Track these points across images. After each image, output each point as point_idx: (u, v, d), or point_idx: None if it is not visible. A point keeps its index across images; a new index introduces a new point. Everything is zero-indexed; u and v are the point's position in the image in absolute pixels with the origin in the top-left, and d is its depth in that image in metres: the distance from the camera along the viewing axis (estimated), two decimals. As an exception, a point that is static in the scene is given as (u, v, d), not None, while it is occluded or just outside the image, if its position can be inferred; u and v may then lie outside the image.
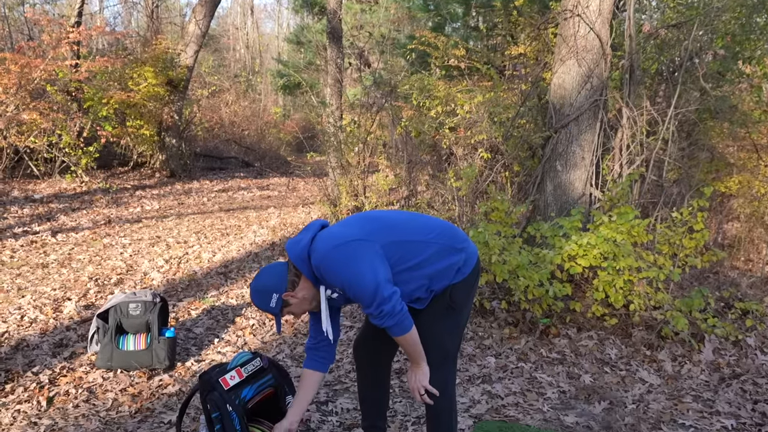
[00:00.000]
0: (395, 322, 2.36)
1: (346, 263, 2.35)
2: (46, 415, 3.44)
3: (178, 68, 13.35)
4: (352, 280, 2.34)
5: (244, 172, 16.05)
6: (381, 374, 2.92)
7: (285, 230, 8.69)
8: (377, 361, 2.89)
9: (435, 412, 2.66)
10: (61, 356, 4.23)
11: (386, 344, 2.80)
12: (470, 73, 9.64)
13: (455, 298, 2.56)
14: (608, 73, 5.57)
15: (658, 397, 3.80)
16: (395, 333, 2.40)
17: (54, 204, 9.66)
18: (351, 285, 2.35)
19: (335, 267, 2.36)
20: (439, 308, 2.57)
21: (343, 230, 2.45)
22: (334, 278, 2.38)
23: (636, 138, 5.58)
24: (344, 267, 2.35)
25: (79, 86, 11.72)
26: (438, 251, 2.50)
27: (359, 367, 2.94)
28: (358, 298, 2.37)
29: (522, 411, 3.63)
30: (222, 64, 27.75)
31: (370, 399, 2.96)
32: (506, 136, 6.94)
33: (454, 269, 2.53)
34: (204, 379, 2.80)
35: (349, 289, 2.36)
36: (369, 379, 2.92)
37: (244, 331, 4.90)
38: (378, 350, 2.86)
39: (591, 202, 5.65)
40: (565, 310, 4.90)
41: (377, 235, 2.43)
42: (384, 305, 2.33)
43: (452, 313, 2.58)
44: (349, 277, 2.34)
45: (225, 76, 24.58)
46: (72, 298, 5.42)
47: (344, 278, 2.35)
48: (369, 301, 2.34)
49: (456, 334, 2.63)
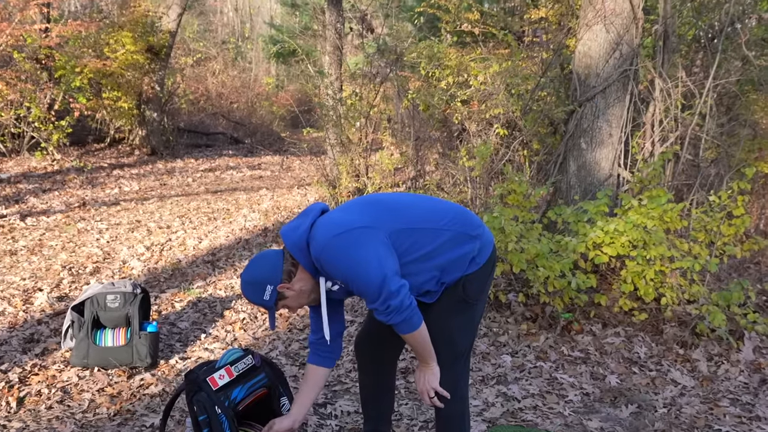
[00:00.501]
0: (403, 319, 2.36)
1: (348, 254, 2.33)
2: (16, 418, 3.47)
3: (159, 33, 13.31)
4: (356, 273, 2.33)
5: (232, 150, 16.05)
6: (385, 374, 2.93)
7: (278, 214, 8.71)
8: (381, 360, 2.90)
9: (445, 417, 2.67)
10: (32, 353, 4.25)
11: (391, 341, 2.80)
12: (485, 40, 9.59)
13: (469, 290, 2.56)
14: (639, 39, 5.54)
15: (692, 401, 3.82)
16: (403, 330, 2.41)
17: (22, 184, 9.67)
18: (354, 278, 2.34)
19: (337, 258, 2.35)
20: (451, 302, 2.57)
21: (345, 216, 2.44)
22: (335, 270, 2.37)
23: (670, 112, 5.56)
24: (347, 258, 2.33)
25: (49, 53, 11.68)
26: (450, 239, 2.49)
27: (361, 367, 2.95)
28: (363, 292, 2.36)
29: (541, 415, 3.65)
30: (208, 29, 27.64)
31: (373, 402, 2.97)
32: (525, 110, 6.92)
33: (468, 259, 2.53)
34: (190, 378, 2.82)
35: (353, 283, 2.35)
36: (372, 380, 2.94)
37: (233, 326, 4.93)
38: (382, 348, 2.86)
39: (619, 184, 5.64)
40: (590, 304, 4.91)
41: (383, 221, 2.42)
42: (391, 300, 2.32)
43: (465, 308, 2.58)
44: (353, 269, 2.33)
45: (211, 42, 24.53)
46: (44, 288, 5.44)
47: (347, 270, 2.34)
48: (375, 295, 2.33)
49: (469, 330, 2.64)
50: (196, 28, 23.95)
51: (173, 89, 15.34)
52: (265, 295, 2.43)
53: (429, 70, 8.85)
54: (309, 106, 17.14)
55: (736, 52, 6.25)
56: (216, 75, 20.80)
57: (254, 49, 27.72)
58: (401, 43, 10.77)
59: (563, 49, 6.83)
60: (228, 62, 22.50)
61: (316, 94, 11.54)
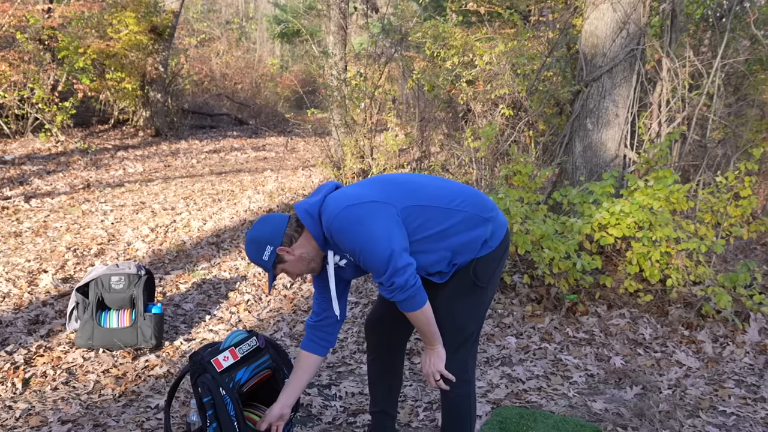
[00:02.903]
0: (407, 297, 2.36)
1: (359, 225, 2.34)
2: (21, 399, 3.49)
3: (162, 13, 13.27)
4: (365, 245, 2.34)
5: (237, 131, 16.04)
6: (393, 356, 2.93)
7: (283, 195, 8.71)
8: (390, 342, 2.90)
9: (452, 400, 2.66)
10: (37, 334, 4.28)
11: (400, 324, 2.79)
12: (491, 19, 9.52)
13: (480, 274, 2.54)
14: (647, 18, 5.50)
15: (697, 382, 3.82)
16: (405, 308, 2.41)
17: (27, 166, 9.69)
18: (363, 249, 2.35)
19: (348, 228, 2.36)
20: (462, 285, 2.56)
21: (358, 190, 2.45)
22: (345, 240, 2.38)
23: (677, 92, 5.52)
24: (357, 229, 2.34)
25: (52, 34, 11.65)
26: (463, 220, 2.48)
27: (370, 348, 2.95)
28: (370, 265, 2.37)
29: (545, 396, 3.66)
30: (212, 9, 27.53)
31: (380, 383, 2.97)
32: (531, 90, 6.89)
33: (480, 241, 2.52)
34: (195, 359, 2.82)
35: (361, 254, 2.36)
36: (381, 361, 2.94)
37: (238, 308, 4.94)
38: (391, 330, 2.86)
39: (625, 164, 5.62)
40: (595, 286, 4.90)
41: (395, 198, 2.42)
42: (396, 277, 2.33)
43: (476, 291, 2.57)
44: (362, 240, 2.34)
45: (215, 22, 24.45)
46: (48, 270, 5.46)
47: (356, 241, 2.35)
48: (381, 270, 2.34)
49: (479, 314, 2.63)
50: (200, 8, 23.86)
51: (177, 70, 15.31)
52: (264, 255, 2.45)
53: (434, 50, 8.81)
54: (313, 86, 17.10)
55: (744, 32, 6.21)
56: (220, 55, 20.75)
57: (258, 29, 27.64)
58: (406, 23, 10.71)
59: (569, 28, 6.78)
60: (232, 42, 22.45)
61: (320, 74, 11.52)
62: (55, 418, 3.29)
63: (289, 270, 2.51)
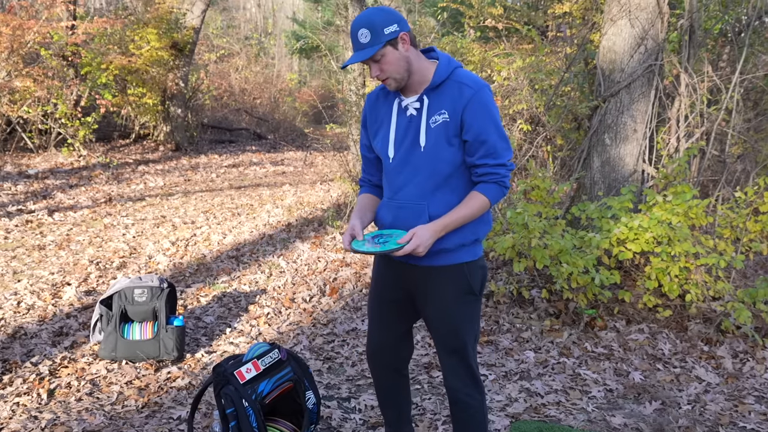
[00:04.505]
0: (507, 184, 2.52)
1: (496, 109, 2.47)
2: (47, 409, 3.55)
3: (183, 30, 13.43)
4: (499, 124, 2.47)
5: (256, 146, 16.16)
6: (398, 379, 2.94)
7: (302, 209, 8.77)
8: (393, 366, 2.90)
9: (469, 411, 2.66)
10: (61, 345, 4.34)
11: (400, 347, 2.84)
12: (508, 35, 9.57)
13: (475, 280, 2.59)
14: (665, 34, 5.52)
15: (717, 398, 3.81)
16: (497, 196, 2.50)
17: (50, 180, 9.83)
18: (497, 126, 2.46)
19: (492, 102, 2.46)
20: (460, 293, 2.58)
21: None
22: (483, 109, 2.44)
23: (695, 108, 5.53)
24: (496, 111, 2.47)
25: (75, 50, 11.85)
26: None
27: (375, 375, 2.95)
28: (496, 141, 2.45)
29: (564, 411, 3.66)
30: (231, 25, 27.81)
31: (390, 406, 2.98)
32: (548, 105, 6.91)
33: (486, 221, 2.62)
34: (218, 371, 2.87)
35: (494, 129, 2.45)
36: (387, 387, 2.95)
37: (258, 321, 4.98)
38: (393, 355, 2.87)
39: (643, 179, 5.62)
40: (613, 301, 4.90)
41: None
42: (511, 163, 2.51)
43: (475, 301, 2.61)
44: (497, 119, 2.47)
45: (235, 38, 24.67)
46: (72, 282, 5.54)
47: (495, 117, 2.46)
48: (506, 150, 2.48)
49: (478, 323, 2.67)
50: (220, 24, 24.11)
51: (197, 85, 15.48)
52: (388, 28, 2.39)
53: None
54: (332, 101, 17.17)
55: (763, 47, 6.20)
56: (239, 71, 20.93)
57: (277, 44, 27.86)
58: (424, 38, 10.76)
59: (587, 44, 6.81)
60: (251, 58, 22.63)
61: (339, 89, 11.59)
62: (80, 428, 3.34)
63: (390, 61, 2.43)
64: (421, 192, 2.50)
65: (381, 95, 2.67)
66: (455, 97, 2.44)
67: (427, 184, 2.49)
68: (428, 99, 2.48)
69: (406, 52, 2.44)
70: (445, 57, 2.52)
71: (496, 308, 5.08)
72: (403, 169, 2.54)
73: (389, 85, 2.46)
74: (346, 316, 5.08)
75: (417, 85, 2.50)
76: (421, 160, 2.48)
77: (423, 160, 2.47)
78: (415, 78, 2.49)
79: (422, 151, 2.48)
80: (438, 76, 2.46)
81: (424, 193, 2.49)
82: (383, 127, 2.61)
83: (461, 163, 2.49)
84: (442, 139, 2.46)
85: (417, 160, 2.50)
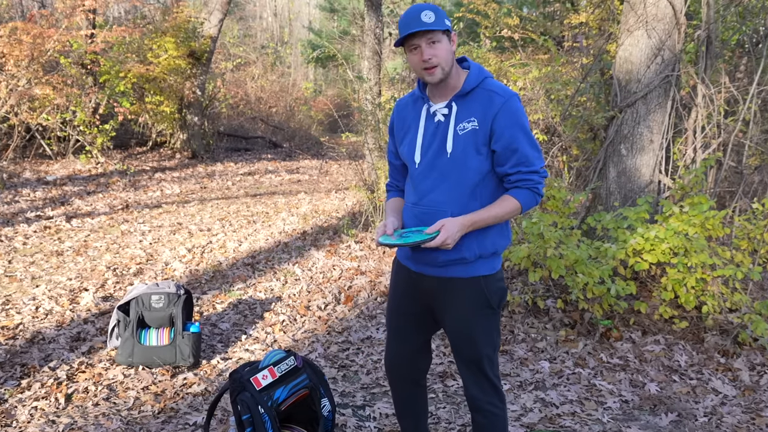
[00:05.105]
0: (541, 191, 2.53)
1: (526, 117, 2.50)
2: (64, 413, 3.58)
3: (200, 38, 13.54)
4: (529, 132, 2.49)
5: (271, 154, 16.23)
6: (416, 390, 2.94)
7: (317, 218, 8.79)
8: (412, 377, 2.91)
9: (491, 419, 2.66)
10: (78, 351, 4.37)
11: (419, 359, 2.85)
12: (524, 45, 9.58)
13: (493, 294, 2.59)
14: (682, 45, 5.51)
15: (733, 410, 3.79)
16: (530, 202, 2.52)
17: (68, 186, 9.91)
18: (528, 134, 2.48)
19: (521, 111, 2.48)
20: (477, 306, 2.58)
21: None
22: (513, 118, 2.45)
23: (712, 119, 5.51)
24: (526, 118, 2.49)
25: (94, 58, 11.98)
26: None
27: (393, 386, 2.95)
28: (528, 150, 2.47)
29: (579, 421, 3.65)
30: (248, 34, 28.00)
31: (408, 416, 2.98)
32: (564, 115, 6.91)
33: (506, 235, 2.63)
34: (234, 378, 2.89)
35: (525, 137, 2.47)
36: (405, 397, 2.95)
37: (273, 328, 5.00)
38: (411, 366, 2.87)
39: (660, 190, 5.60)
40: (629, 311, 4.88)
41: None
42: (544, 170, 2.52)
43: (492, 315, 2.61)
44: (528, 128, 2.49)
45: (251, 47, 24.83)
46: (89, 288, 5.58)
47: (524, 125, 2.48)
48: (537, 158, 2.50)
49: (497, 334, 2.66)
50: (237, 33, 24.27)
51: (214, 94, 15.58)
52: (447, 21, 2.45)
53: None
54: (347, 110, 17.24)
55: (781, 58, 6.16)
56: (255, 79, 21.05)
57: (293, 53, 28.01)
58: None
59: (603, 54, 6.80)
60: (267, 67, 22.77)
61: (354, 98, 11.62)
62: (97, 433, 3.36)
63: (444, 48, 2.44)
64: (446, 198, 2.50)
65: (410, 102, 2.69)
66: (485, 105, 2.46)
67: (453, 191, 2.49)
68: (457, 105, 2.50)
69: (453, 47, 2.49)
70: (477, 66, 2.55)
71: (511, 318, 5.07)
72: (429, 174, 2.54)
73: (434, 74, 2.44)
74: (361, 324, 5.09)
75: (448, 89, 2.53)
76: (448, 166, 2.49)
77: (450, 166, 2.48)
78: (450, 81, 2.51)
79: (449, 158, 2.49)
80: (468, 84, 2.49)
81: (449, 199, 2.49)
82: (410, 132, 2.63)
83: (488, 172, 2.49)
84: (470, 146, 2.47)
85: (444, 166, 2.50)
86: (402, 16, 2.48)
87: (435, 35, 2.40)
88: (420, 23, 2.37)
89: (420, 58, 2.42)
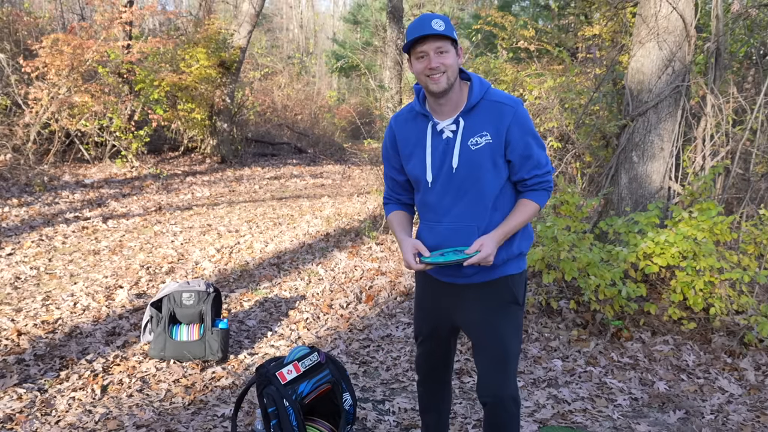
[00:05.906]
0: (551, 188, 2.55)
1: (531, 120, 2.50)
2: (100, 404, 3.63)
3: (230, 49, 13.64)
4: (536, 135, 2.49)
5: (296, 159, 16.30)
6: (443, 387, 2.95)
7: (339, 220, 8.82)
8: (439, 374, 2.92)
9: (505, 416, 2.63)
10: (114, 345, 4.43)
11: (446, 359, 2.86)
12: (540, 56, 9.56)
13: (519, 290, 2.59)
14: (692, 56, 5.47)
15: (739, 408, 3.76)
16: (543, 200, 2.53)
17: (104, 189, 10.02)
18: (536, 138, 2.48)
19: (527, 116, 2.47)
20: (504, 303, 2.58)
21: None
22: (524, 126, 2.45)
23: (721, 127, 5.47)
24: (531, 121, 2.49)
25: (130, 68, 12.11)
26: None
27: (420, 380, 2.94)
28: (539, 153, 2.48)
29: (590, 417, 3.64)
30: (275, 45, 28.16)
31: (431, 411, 2.98)
32: (578, 123, 6.89)
33: (528, 237, 2.63)
34: (261, 372, 2.92)
35: (535, 141, 2.47)
36: (431, 392, 2.95)
37: (297, 325, 5.03)
38: (440, 365, 2.88)
39: (670, 196, 5.57)
40: (639, 313, 4.86)
41: None
42: (551, 167, 2.53)
43: (518, 311, 2.60)
44: (535, 131, 2.48)
45: (278, 57, 24.97)
46: (124, 286, 5.65)
47: (532, 130, 2.47)
48: (545, 157, 2.51)
49: (521, 333, 2.66)
50: (264, 44, 24.40)
51: (242, 101, 15.68)
52: (455, 32, 2.43)
53: (485, 84, 8.83)
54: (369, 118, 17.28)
55: (788, 69, 6.11)
56: (282, 88, 21.16)
57: (317, 63, 28.12)
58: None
59: (616, 65, 6.78)
60: (293, 76, 22.88)
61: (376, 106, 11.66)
62: (131, 422, 3.41)
63: (452, 58, 2.40)
64: (470, 213, 2.46)
65: (409, 118, 2.60)
66: (496, 117, 2.42)
67: (475, 205, 2.45)
68: (464, 121, 2.44)
69: (460, 59, 2.45)
70: (477, 77, 2.49)
71: (526, 318, 5.06)
72: (447, 191, 2.48)
73: (439, 83, 2.37)
74: (381, 323, 5.11)
75: (451, 104, 2.47)
76: (466, 182, 2.44)
77: (468, 181, 2.43)
78: (452, 95, 2.45)
79: (464, 173, 2.44)
80: (474, 97, 2.43)
81: (473, 214, 2.46)
82: (418, 151, 2.54)
83: (505, 182, 2.48)
84: (487, 161, 2.42)
85: (460, 182, 2.45)
86: (411, 23, 2.43)
87: (444, 45, 2.36)
88: (430, 29, 2.33)
89: (426, 66, 2.37)
